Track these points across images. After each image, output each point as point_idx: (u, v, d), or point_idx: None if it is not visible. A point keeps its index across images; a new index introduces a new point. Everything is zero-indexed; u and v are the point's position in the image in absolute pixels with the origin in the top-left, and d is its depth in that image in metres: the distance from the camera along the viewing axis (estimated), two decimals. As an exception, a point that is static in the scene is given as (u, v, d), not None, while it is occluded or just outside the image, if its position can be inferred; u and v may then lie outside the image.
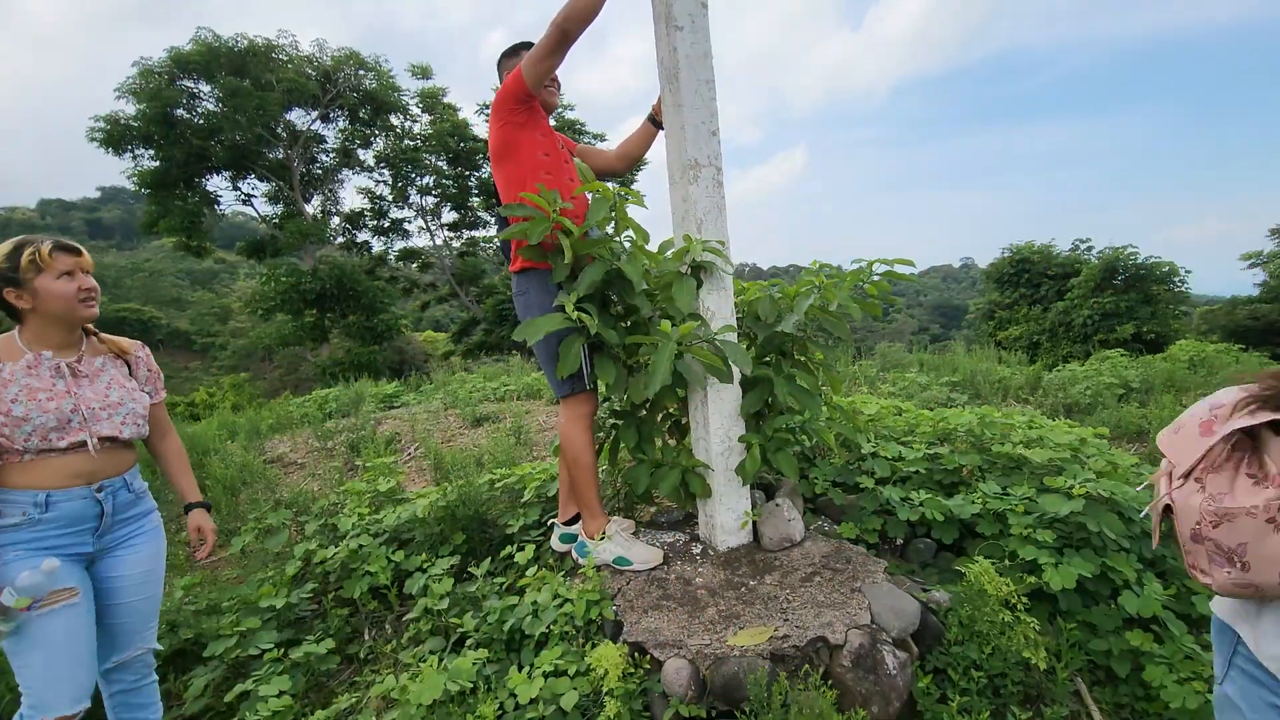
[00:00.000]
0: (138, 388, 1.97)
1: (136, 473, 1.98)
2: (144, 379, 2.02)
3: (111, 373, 1.92)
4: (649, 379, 2.17)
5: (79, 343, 1.89)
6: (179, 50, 18.24)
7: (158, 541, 1.98)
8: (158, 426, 2.08)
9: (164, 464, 2.12)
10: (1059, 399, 5.17)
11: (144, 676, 1.97)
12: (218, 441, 5.44)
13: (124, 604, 1.88)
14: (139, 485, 1.97)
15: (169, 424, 2.12)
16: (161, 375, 2.09)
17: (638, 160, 2.89)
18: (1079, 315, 16.14)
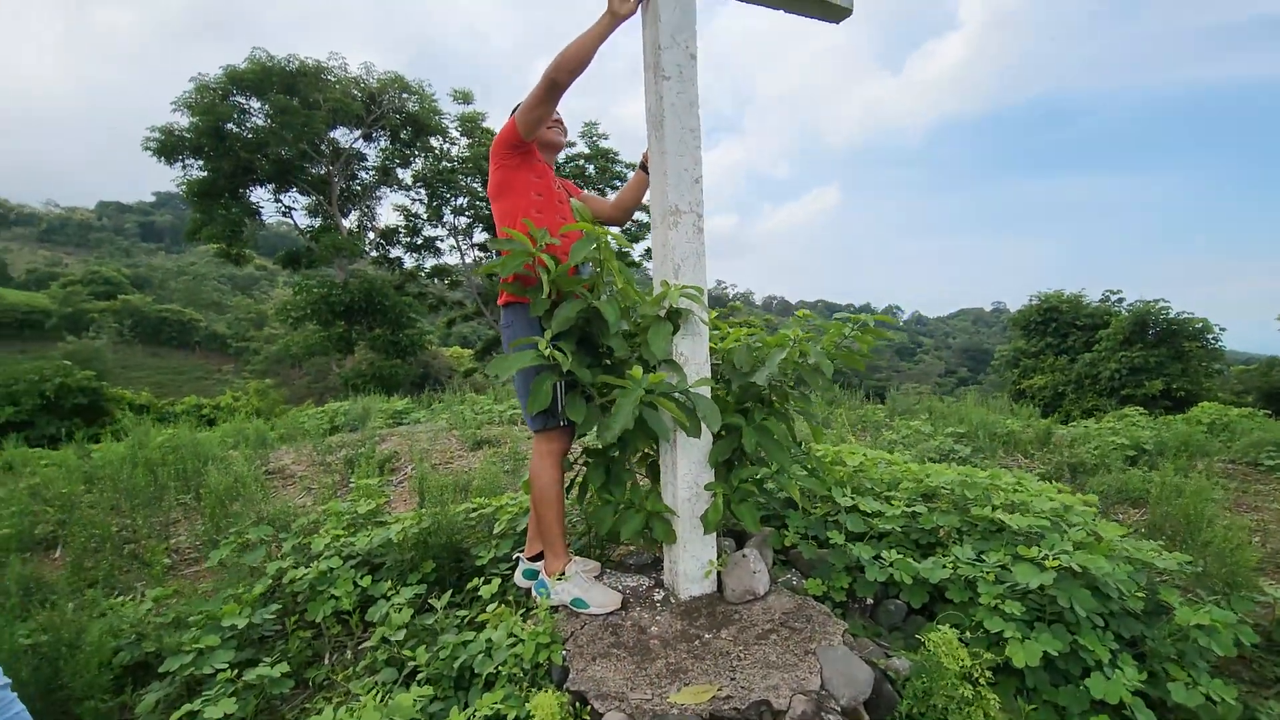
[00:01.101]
0: None
1: None
2: None
3: None
4: (612, 421, 2.17)
5: None
6: (234, 68, 19.10)
7: None
8: None
9: None
10: (1065, 457, 5.02)
11: None
12: (222, 450, 5.54)
13: None
14: None
15: None
16: None
17: (633, 208, 2.94)
18: (1106, 368, 15.74)
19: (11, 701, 1.93)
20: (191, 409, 19.96)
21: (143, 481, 4.54)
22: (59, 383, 17.76)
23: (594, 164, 22.88)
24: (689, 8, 2.31)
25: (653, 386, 2.24)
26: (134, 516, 4.24)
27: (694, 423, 2.32)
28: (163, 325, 54.07)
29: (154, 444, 5.43)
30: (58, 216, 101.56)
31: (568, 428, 2.53)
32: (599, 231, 2.31)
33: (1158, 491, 3.55)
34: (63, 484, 4.68)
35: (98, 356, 32.33)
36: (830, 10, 2.67)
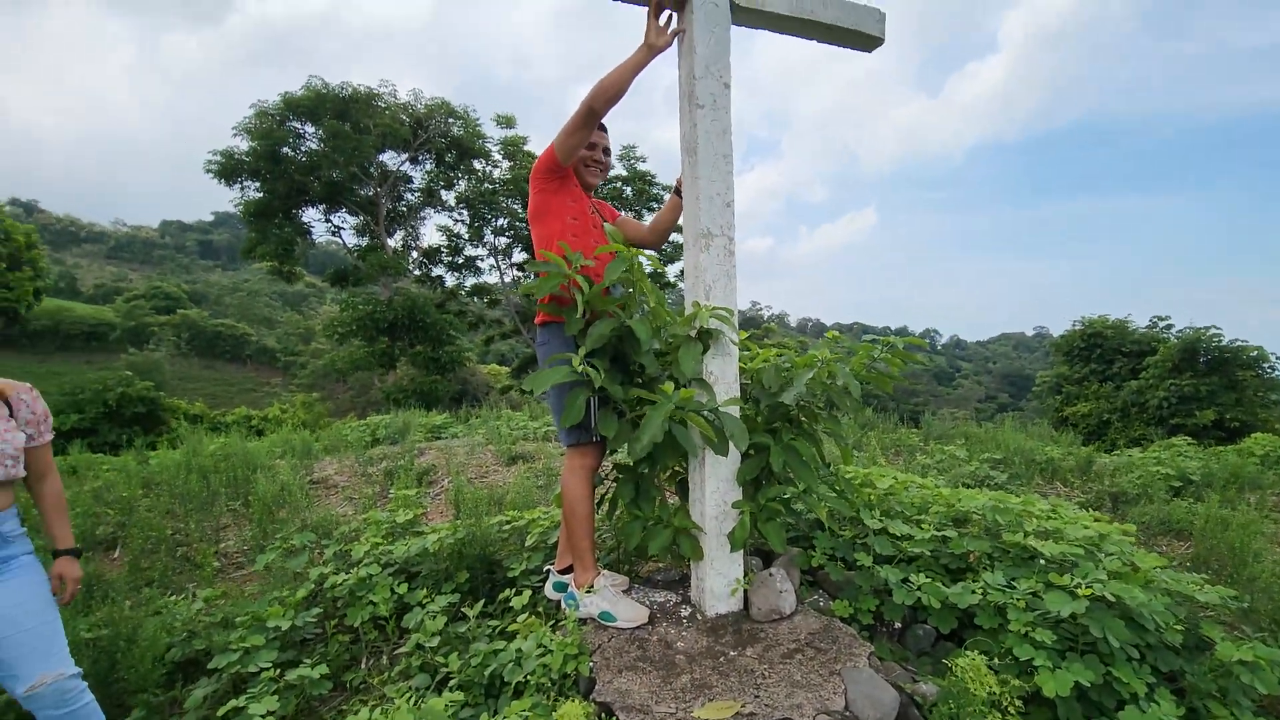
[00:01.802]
0: (15, 429, 2.03)
1: (8, 516, 2.02)
2: (24, 421, 2.08)
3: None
4: (642, 434, 2.24)
5: None
6: (292, 95, 20.04)
7: (27, 578, 2.01)
8: (37, 469, 2.13)
9: (41, 506, 2.16)
10: (1106, 486, 4.87)
11: (70, 704, 2.01)
12: (269, 459, 5.77)
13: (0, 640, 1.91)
14: (8, 528, 2.02)
15: (50, 467, 2.17)
16: (49, 419, 2.16)
17: (667, 232, 3.02)
18: (1154, 396, 15.13)
19: (83, 691, 2.07)
20: (242, 419, 20.73)
21: (196, 487, 4.77)
22: (120, 392, 18.67)
23: (631, 186, 23.19)
24: (723, 40, 2.40)
25: (683, 403, 2.30)
26: (187, 520, 4.45)
27: (722, 441, 2.37)
28: (217, 339, 56.31)
29: (207, 452, 5.69)
30: (124, 235, 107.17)
31: (599, 443, 2.61)
32: (631, 254, 2.40)
33: (1202, 524, 3.44)
34: (123, 488, 4.95)
35: (157, 368, 33.82)
36: (862, 39, 2.73)
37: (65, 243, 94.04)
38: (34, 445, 2.11)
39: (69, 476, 6.11)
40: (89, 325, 51.94)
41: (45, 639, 2.00)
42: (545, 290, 2.37)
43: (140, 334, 52.54)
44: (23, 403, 2.10)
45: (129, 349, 42.56)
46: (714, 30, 2.34)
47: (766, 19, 2.51)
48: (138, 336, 51.77)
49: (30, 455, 2.11)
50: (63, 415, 18.22)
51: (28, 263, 24.10)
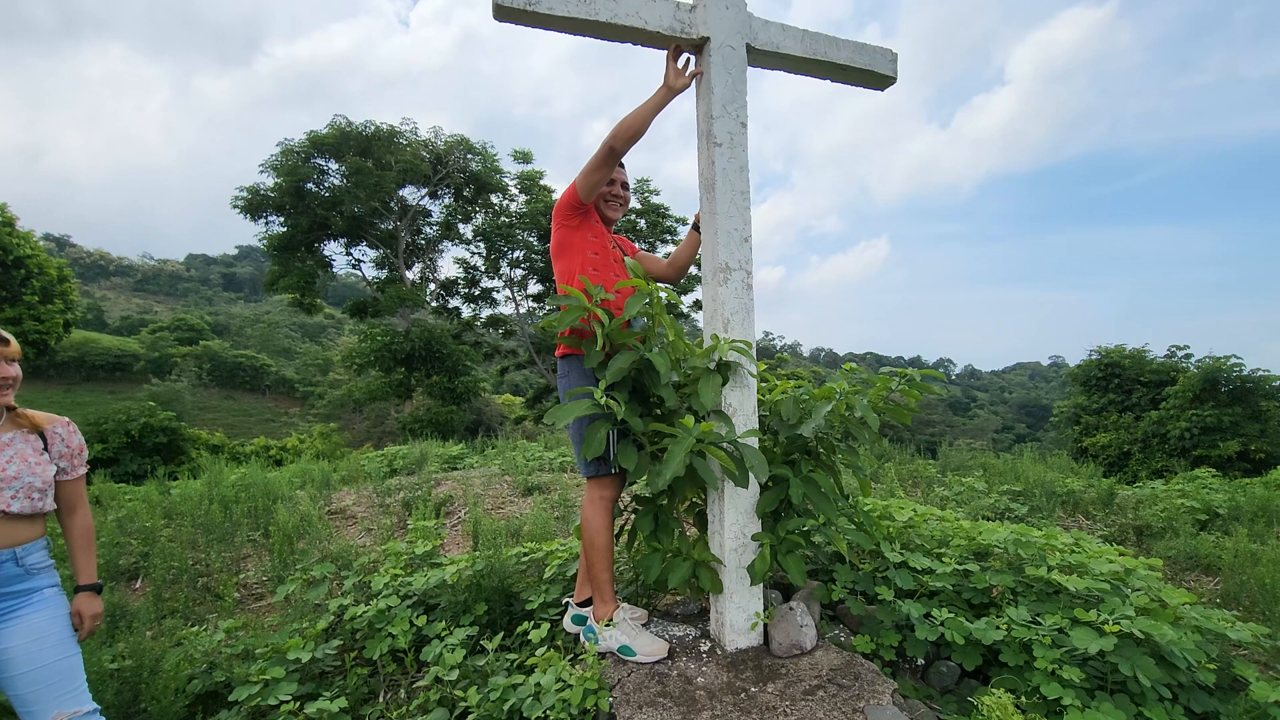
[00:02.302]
0: (47, 462, 2.06)
1: (35, 548, 2.03)
2: (58, 454, 2.11)
3: (19, 447, 2.02)
4: (663, 468, 2.25)
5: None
6: (316, 133, 20.65)
7: (48, 612, 2.00)
8: (67, 502, 2.14)
9: (67, 539, 2.16)
10: (1129, 519, 4.77)
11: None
12: (289, 489, 5.83)
13: (17, 675, 1.90)
14: (34, 560, 2.02)
15: (81, 501, 2.17)
16: (84, 453, 2.19)
17: (686, 267, 3.07)
18: (1175, 427, 14.82)
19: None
20: (261, 449, 20.92)
21: (218, 518, 4.82)
22: (143, 422, 18.95)
23: (645, 219, 23.49)
24: (740, 81, 2.47)
25: (703, 436, 2.32)
26: (208, 551, 4.49)
27: (742, 473, 2.38)
28: (237, 370, 57.17)
29: (228, 482, 5.76)
30: (151, 268, 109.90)
31: (619, 475, 2.62)
32: (651, 287, 2.44)
33: (1231, 559, 3.36)
34: (145, 518, 5.01)
35: (178, 398, 34.33)
36: (875, 79, 2.80)
37: (95, 276, 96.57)
38: (66, 479, 2.14)
39: (93, 506, 6.21)
40: (114, 356, 53.00)
41: (64, 675, 1.98)
42: (565, 324, 2.42)
43: (163, 364, 53.51)
44: (58, 436, 2.14)
45: (152, 379, 43.30)
46: (731, 72, 2.42)
47: (782, 60, 2.59)
48: (161, 367, 52.72)
49: (62, 488, 2.14)
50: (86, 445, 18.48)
51: (59, 296, 24.73)
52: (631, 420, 2.43)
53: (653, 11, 2.32)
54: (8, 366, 2.03)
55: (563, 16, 2.20)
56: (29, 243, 23.56)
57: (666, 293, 2.55)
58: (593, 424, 2.43)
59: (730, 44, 2.41)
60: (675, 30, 2.36)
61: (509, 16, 2.20)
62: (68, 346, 42.88)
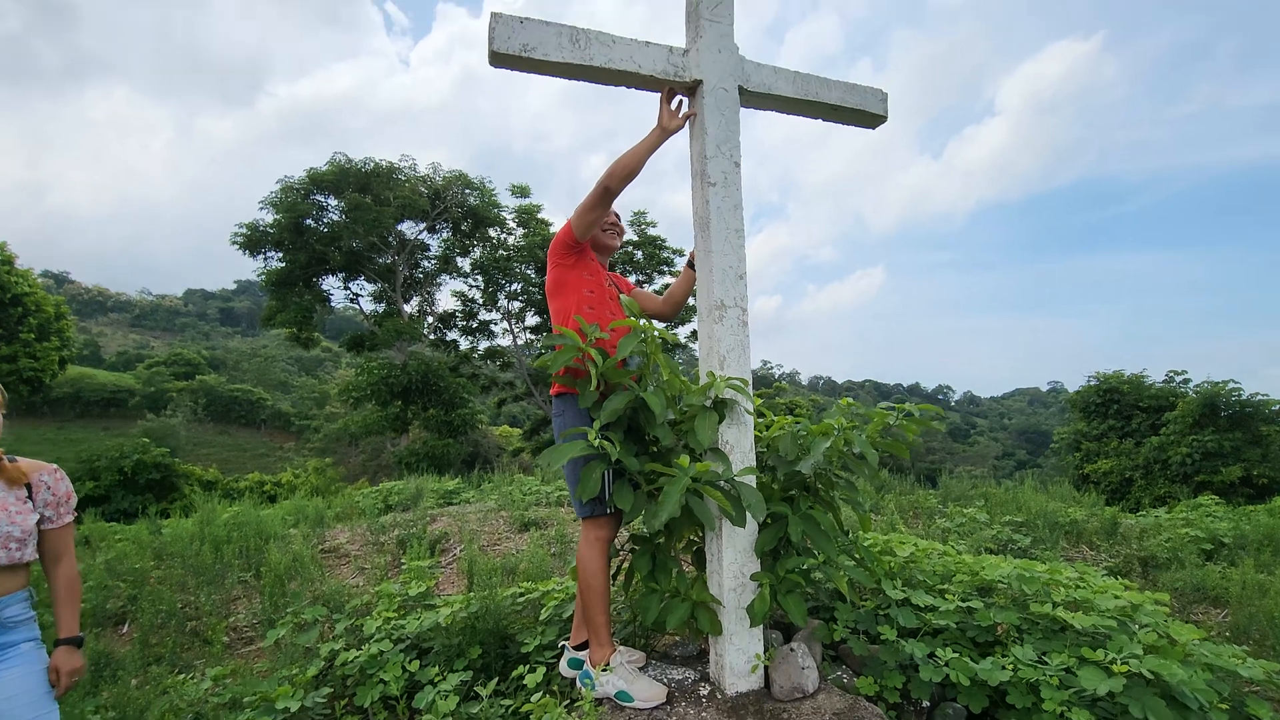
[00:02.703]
0: (29, 511, 2.02)
1: (14, 600, 1.98)
2: (43, 503, 2.06)
3: (1, 496, 1.99)
4: (659, 509, 2.23)
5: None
6: (316, 170, 20.92)
7: (24, 668, 1.94)
8: (52, 552, 2.09)
9: (51, 590, 2.11)
10: (1134, 550, 4.72)
11: None
12: (282, 528, 5.75)
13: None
14: (12, 613, 1.97)
15: (67, 550, 2.13)
16: (71, 500, 2.14)
17: (682, 303, 3.08)
18: (1176, 453, 14.81)
19: None
20: (255, 485, 20.70)
21: (209, 559, 4.74)
22: (136, 459, 18.78)
23: (642, 251, 23.70)
24: (733, 122, 2.51)
25: (699, 475, 2.30)
26: (198, 593, 4.41)
27: (739, 512, 2.35)
28: (233, 404, 56.91)
29: (220, 521, 5.68)
30: (149, 303, 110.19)
31: (615, 515, 2.59)
32: (646, 326, 2.45)
33: (1239, 590, 3.31)
34: (135, 559, 4.93)
35: (173, 434, 34.12)
36: (866, 118, 2.85)
37: (92, 312, 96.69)
38: (51, 527, 2.09)
39: (82, 547, 6.10)
40: (109, 392, 52.77)
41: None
42: (560, 364, 2.41)
43: (159, 400, 53.27)
44: (44, 484, 2.09)
45: (147, 415, 43.04)
46: (724, 113, 2.46)
47: (774, 101, 2.63)
48: (156, 402, 52.47)
49: (46, 537, 2.08)
50: (78, 483, 18.30)
51: (55, 333, 24.72)
52: (627, 460, 2.41)
53: (646, 56, 2.37)
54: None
55: (558, 62, 2.24)
56: (27, 280, 23.65)
57: (660, 332, 2.55)
58: (588, 464, 2.41)
59: (723, 86, 2.46)
60: (669, 74, 2.40)
61: (505, 63, 2.24)
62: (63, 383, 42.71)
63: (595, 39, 2.31)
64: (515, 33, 2.20)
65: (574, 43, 2.28)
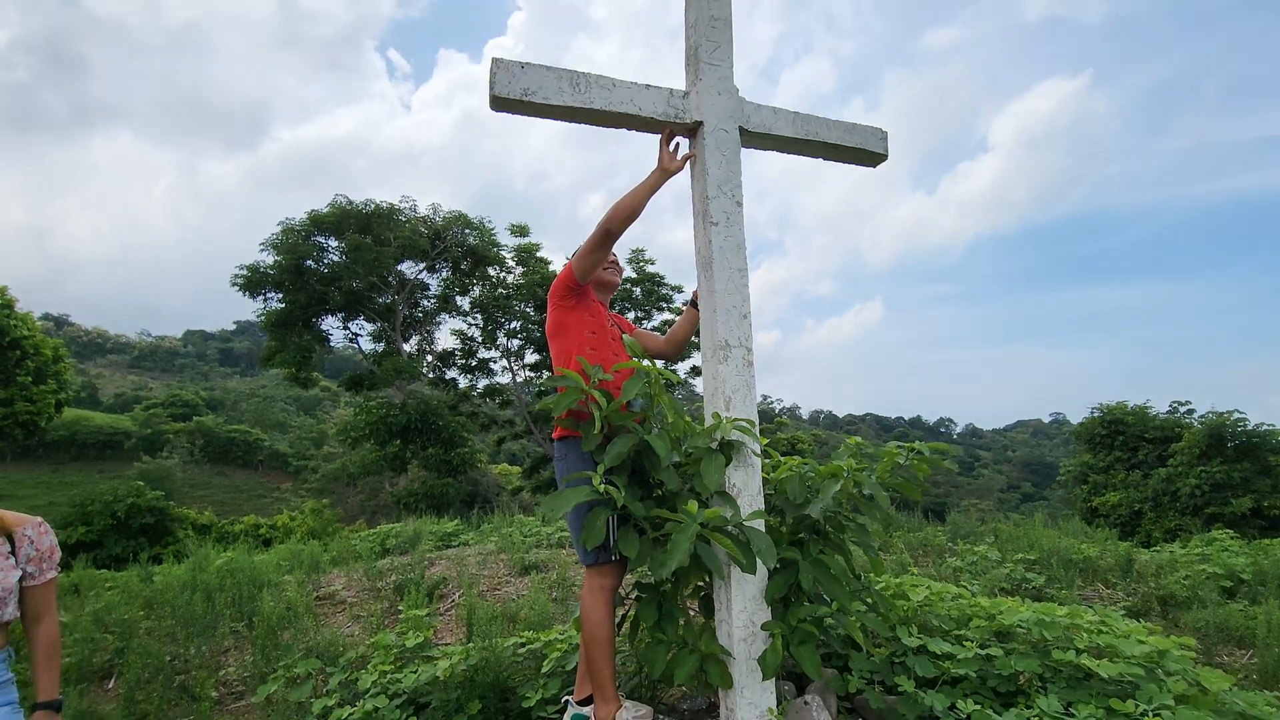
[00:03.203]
0: (11, 567, 1.94)
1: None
2: (25, 558, 1.98)
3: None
4: (667, 558, 2.15)
5: None
6: (318, 212, 21.15)
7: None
8: (33, 610, 2.00)
9: (31, 650, 2.02)
10: (1152, 588, 4.60)
11: None
12: (277, 574, 5.61)
13: None
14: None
15: (49, 608, 2.03)
16: (55, 555, 2.06)
17: (684, 343, 3.05)
18: (1185, 484, 14.66)
19: None
20: (250, 528, 20.38)
21: (200, 610, 4.60)
22: (130, 503, 18.53)
23: (641, 288, 23.84)
24: (734, 162, 2.52)
25: (708, 520, 2.22)
26: (188, 645, 4.27)
27: (749, 558, 2.27)
28: (230, 445, 56.51)
29: (213, 568, 5.55)
30: (148, 345, 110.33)
31: (620, 562, 2.51)
32: (650, 368, 2.40)
33: (1264, 631, 3.21)
34: (124, 609, 4.79)
35: (168, 476, 33.79)
36: (866, 157, 2.86)
37: (91, 354, 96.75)
38: (34, 584, 1.99)
39: (70, 596, 5.95)
40: (105, 434, 52.43)
41: None
42: (563, 407, 2.36)
43: (156, 441, 52.91)
44: (27, 539, 2.00)
45: (143, 457, 42.69)
46: (725, 154, 2.47)
47: (774, 141, 2.64)
48: (153, 444, 52.12)
49: (28, 594, 1.99)
50: (70, 528, 18.02)
51: (53, 376, 24.65)
52: (633, 506, 2.34)
53: (647, 99, 2.38)
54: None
55: (559, 105, 2.25)
56: (26, 324, 23.66)
57: (664, 371, 2.51)
58: (592, 510, 2.34)
59: (723, 128, 2.47)
60: (669, 116, 2.42)
61: (506, 107, 2.25)
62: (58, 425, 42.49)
63: (596, 82, 2.33)
64: (516, 77, 2.21)
65: (574, 86, 2.29)
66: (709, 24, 2.47)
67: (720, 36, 2.50)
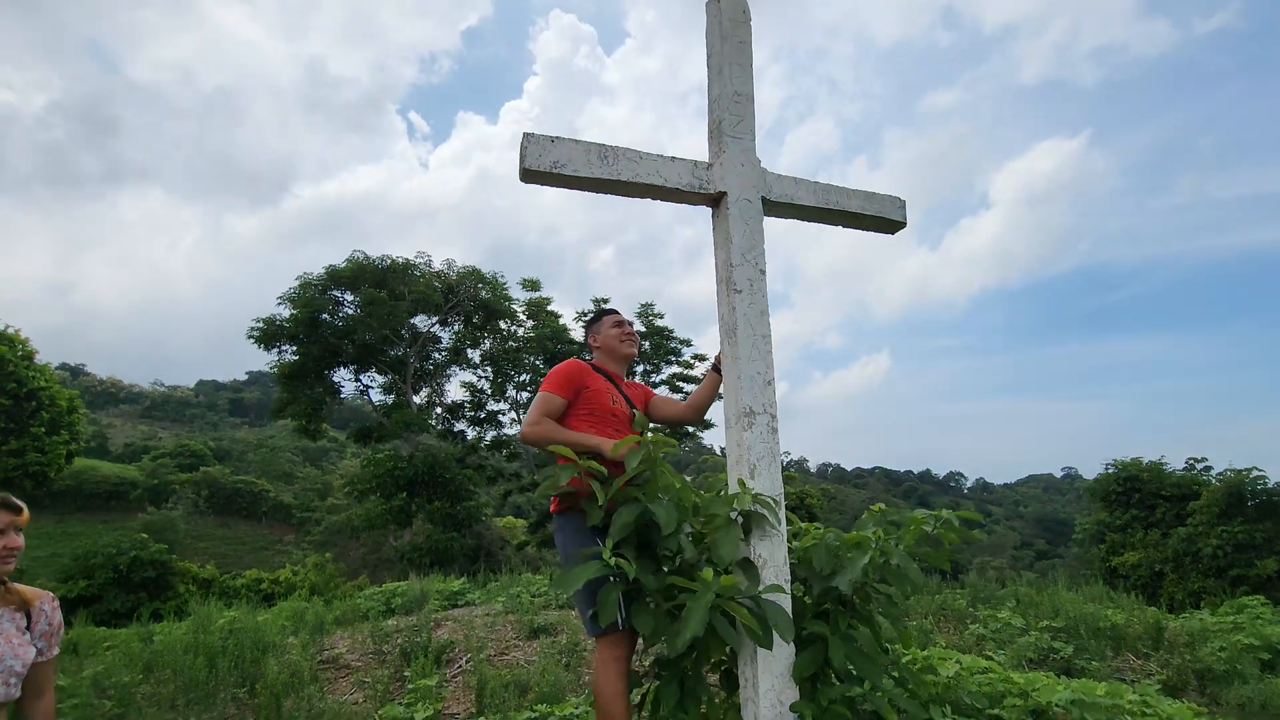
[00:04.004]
0: (28, 642, 1.95)
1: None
2: (40, 634, 2.00)
3: (4, 626, 1.91)
4: (682, 628, 2.08)
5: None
6: (335, 267, 21.59)
7: None
8: (36, 686, 1.99)
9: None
10: (1186, 661, 4.40)
11: None
12: (281, 636, 5.48)
13: None
14: None
15: (49, 685, 2.03)
16: (61, 631, 2.08)
17: (705, 407, 3.06)
18: (1206, 545, 14.26)
19: None
20: (252, 583, 20.02)
21: (201, 673, 4.48)
22: (133, 555, 18.30)
23: (650, 341, 23.99)
24: (756, 231, 2.56)
25: (724, 590, 2.15)
26: (188, 713, 4.13)
27: (766, 632, 2.19)
28: (235, 496, 56.10)
29: (215, 627, 5.42)
30: (160, 394, 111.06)
31: (630, 631, 2.44)
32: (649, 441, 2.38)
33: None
34: (124, 671, 4.67)
35: (172, 527, 33.49)
36: (885, 224, 2.90)
37: (104, 403, 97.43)
38: (41, 660, 1.98)
39: (69, 656, 5.81)
40: (112, 484, 52.25)
41: None
42: (562, 481, 2.36)
43: (161, 491, 52.65)
44: (43, 614, 2.00)
45: (148, 507, 42.41)
46: (748, 223, 2.51)
47: (796, 210, 2.69)
48: (158, 494, 51.84)
49: (34, 670, 1.96)
50: (70, 582, 17.76)
51: (66, 426, 24.77)
52: (645, 579, 2.28)
53: (672, 170, 2.44)
54: (16, 537, 1.94)
55: (587, 177, 2.31)
56: (44, 375, 23.96)
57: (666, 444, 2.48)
58: (605, 586, 2.29)
59: (746, 198, 2.52)
60: (694, 187, 2.47)
61: (536, 179, 2.31)
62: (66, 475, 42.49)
63: (623, 155, 2.40)
64: (546, 151, 2.28)
65: (602, 159, 2.36)
66: (732, 99, 2.55)
67: (743, 111, 2.58)
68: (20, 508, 1.98)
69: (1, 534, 1.90)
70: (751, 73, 2.67)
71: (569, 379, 2.76)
